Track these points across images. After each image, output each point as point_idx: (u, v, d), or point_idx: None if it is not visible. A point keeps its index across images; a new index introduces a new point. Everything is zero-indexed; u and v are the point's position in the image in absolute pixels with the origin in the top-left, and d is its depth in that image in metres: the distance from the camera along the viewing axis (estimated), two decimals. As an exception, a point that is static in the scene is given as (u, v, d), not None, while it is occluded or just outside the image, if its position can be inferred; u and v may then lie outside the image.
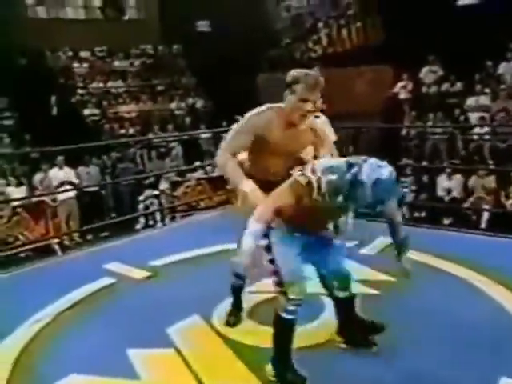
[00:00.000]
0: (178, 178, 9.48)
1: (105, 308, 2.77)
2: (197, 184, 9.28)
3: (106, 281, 3.08)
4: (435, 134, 8.34)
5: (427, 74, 9.17)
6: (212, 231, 3.82)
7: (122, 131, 10.90)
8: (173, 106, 12.38)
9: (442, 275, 2.99)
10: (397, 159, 7.75)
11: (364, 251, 3.49)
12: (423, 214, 7.27)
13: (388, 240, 3.47)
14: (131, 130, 11.10)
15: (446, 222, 6.82)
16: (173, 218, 8.32)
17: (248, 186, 1.95)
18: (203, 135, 10.86)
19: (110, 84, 12.60)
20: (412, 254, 3.20)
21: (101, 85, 12.46)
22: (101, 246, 4.17)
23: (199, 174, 9.90)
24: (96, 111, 11.34)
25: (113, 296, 2.90)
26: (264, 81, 10.06)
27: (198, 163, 9.23)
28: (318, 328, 2.42)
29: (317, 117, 2.38)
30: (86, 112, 11.25)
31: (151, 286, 2.93)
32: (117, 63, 13.34)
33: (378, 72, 9.06)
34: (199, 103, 12.44)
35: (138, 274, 3.15)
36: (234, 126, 2.11)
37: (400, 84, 9.13)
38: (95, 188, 8.54)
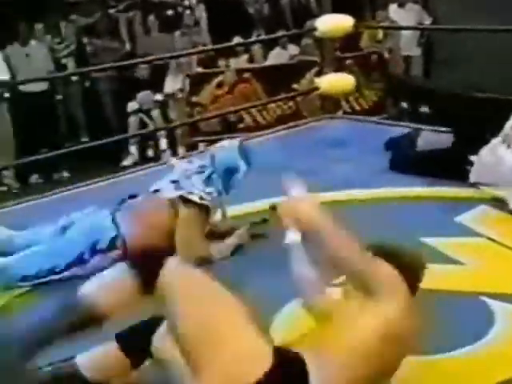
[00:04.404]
0: (201, 69, 9.43)
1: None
2: (238, 81, 9.23)
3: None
4: None
5: None
6: (266, 172, 3.88)
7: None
8: None
9: None
10: None
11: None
12: None
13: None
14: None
15: None
16: (193, 147, 8.34)
17: None
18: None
19: None
20: None
21: None
22: (51, 196, 4.42)
23: (241, 61, 9.79)
24: None
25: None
26: None
27: (237, 40, 9.08)
28: (483, 355, 2.57)
29: None
30: None
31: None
32: None
33: None
34: None
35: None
36: None
37: None
38: (43, 86, 8.64)
